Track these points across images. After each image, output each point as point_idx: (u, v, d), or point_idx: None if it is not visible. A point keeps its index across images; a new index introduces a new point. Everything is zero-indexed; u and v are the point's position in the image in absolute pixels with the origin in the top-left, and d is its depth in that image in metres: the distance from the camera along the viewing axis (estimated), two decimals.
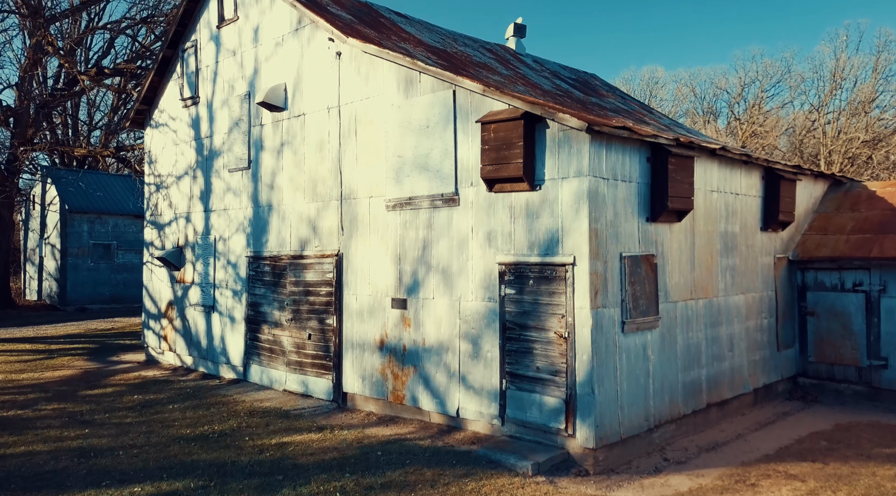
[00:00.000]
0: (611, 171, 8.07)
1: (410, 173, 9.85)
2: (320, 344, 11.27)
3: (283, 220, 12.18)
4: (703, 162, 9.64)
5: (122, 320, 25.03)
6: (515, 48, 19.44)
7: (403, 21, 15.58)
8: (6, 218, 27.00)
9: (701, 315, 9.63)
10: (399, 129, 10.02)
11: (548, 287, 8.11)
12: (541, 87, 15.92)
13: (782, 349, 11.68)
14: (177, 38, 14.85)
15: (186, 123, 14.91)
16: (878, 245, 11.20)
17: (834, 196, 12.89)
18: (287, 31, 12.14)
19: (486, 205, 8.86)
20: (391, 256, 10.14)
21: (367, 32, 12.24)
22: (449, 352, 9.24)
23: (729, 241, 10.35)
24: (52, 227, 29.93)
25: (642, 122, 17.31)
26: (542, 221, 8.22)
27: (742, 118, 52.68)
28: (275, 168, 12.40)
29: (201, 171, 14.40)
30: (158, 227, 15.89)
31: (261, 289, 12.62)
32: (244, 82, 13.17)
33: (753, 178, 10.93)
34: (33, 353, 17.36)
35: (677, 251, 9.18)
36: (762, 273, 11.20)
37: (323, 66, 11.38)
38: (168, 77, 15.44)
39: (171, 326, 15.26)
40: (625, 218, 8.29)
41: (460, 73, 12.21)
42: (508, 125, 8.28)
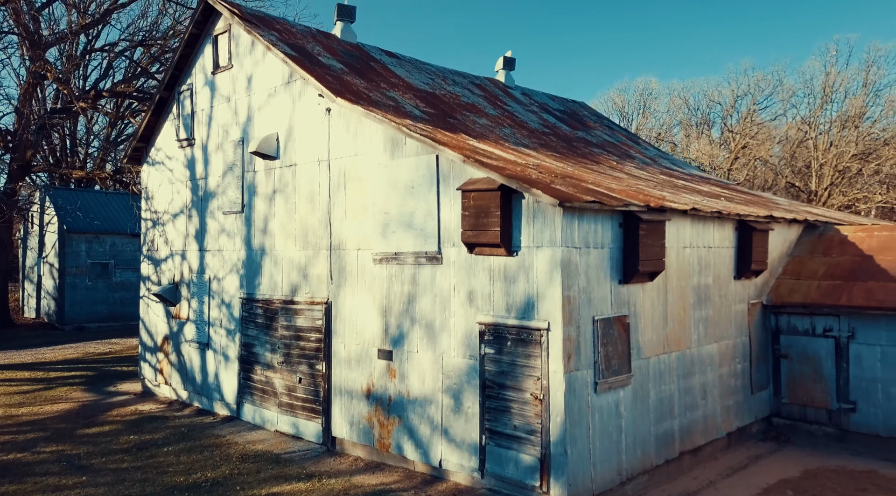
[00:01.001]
0: (583, 240, 8.50)
1: (396, 230, 10.28)
2: (310, 388, 11.69)
3: (276, 264, 12.60)
4: (676, 221, 10.07)
5: (119, 342, 25.41)
6: (505, 81, 19.86)
7: (394, 62, 16.00)
8: (5, 239, 27.36)
9: (674, 368, 10.06)
10: (386, 188, 10.44)
11: (524, 349, 8.54)
12: (527, 125, 16.35)
13: (756, 391, 12.12)
14: (173, 81, 15.27)
15: (182, 163, 15.33)
16: (846, 293, 11.64)
17: (808, 239, 13.34)
18: (279, 83, 12.56)
19: (468, 265, 9.29)
20: (378, 308, 10.56)
21: (356, 83, 12.67)
22: (432, 405, 9.66)
23: (702, 293, 10.79)
24: (50, 247, 30.31)
25: (627, 156, 17.79)
26: (519, 286, 8.65)
27: (735, 130, 53.21)
28: (267, 214, 12.82)
29: (196, 210, 14.81)
30: (155, 262, 16.29)
31: (254, 331, 13.03)
32: (238, 128, 13.59)
33: (726, 230, 11.37)
34: (32, 383, 17.75)
35: (650, 309, 9.61)
36: (736, 320, 11.64)
37: (313, 119, 11.80)
38: (164, 117, 15.85)
39: (166, 360, 15.66)
40: (597, 282, 8.72)
41: (447, 122, 12.67)
42: (486, 195, 8.71)
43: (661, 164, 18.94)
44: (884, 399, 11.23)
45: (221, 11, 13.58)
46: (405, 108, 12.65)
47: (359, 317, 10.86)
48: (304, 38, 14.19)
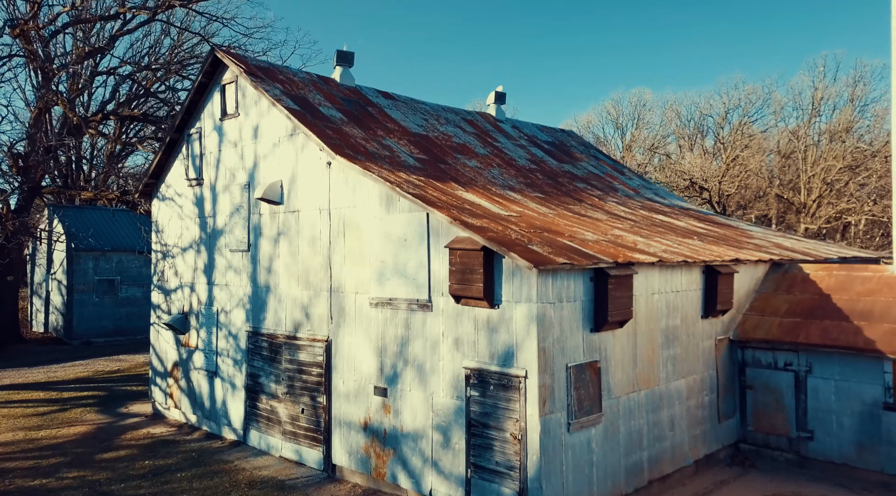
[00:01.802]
0: (557, 296, 9.52)
1: (391, 277, 11.29)
2: (312, 418, 12.70)
3: (280, 302, 13.61)
4: (645, 271, 11.09)
5: (126, 358, 26.40)
6: (496, 114, 20.89)
7: (389, 105, 17.01)
8: (16, 258, 28.32)
9: (643, 404, 11.08)
10: (381, 238, 11.46)
11: (505, 394, 9.56)
12: (515, 162, 17.37)
13: (723, 420, 13.14)
14: (183, 124, 16.27)
15: (191, 201, 16.34)
16: (804, 331, 12.67)
17: (774, 276, 14.37)
18: (283, 134, 13.58)
19: (455, 314, 10.30)
20: (374, 348, 11.58)
21: (354, 134, 13.69)
22: (423, 439, 10.68)
23: (670, 333, 11.81)
24: (58, 264, 31.30)
25: (611, 189, 18.82)
26: (500, 336, 9.67)
27: (726, 142, 54.28)
28: (272, 254, 13.83)
29: (205, 246, 15.82)
30: (165, 291, 17.29)
31: (259, 362, 14.04)
32: (244, 173, 14.61)
33: (694, 274, 12.40)
34: (47, 403, 18.74)
35: (620, 353, 10.64)
36: (703, 355, 12.67)
37: (315, 171, 12.82)
38: (174, 157, 16.86)
39: (176, 385, 16.67)
40: (570, 332, 9.74)
41: (438, 168, 13.69)
42: (471, 254, 9.73)
43: (644, 195, 19.96)
44: (837, 428, 12.26)
45: (229, 65, 14.59)
46: (400, 158, 13.67)
47: (357, 355, 11.88)
48: (306, 86, 15.21)
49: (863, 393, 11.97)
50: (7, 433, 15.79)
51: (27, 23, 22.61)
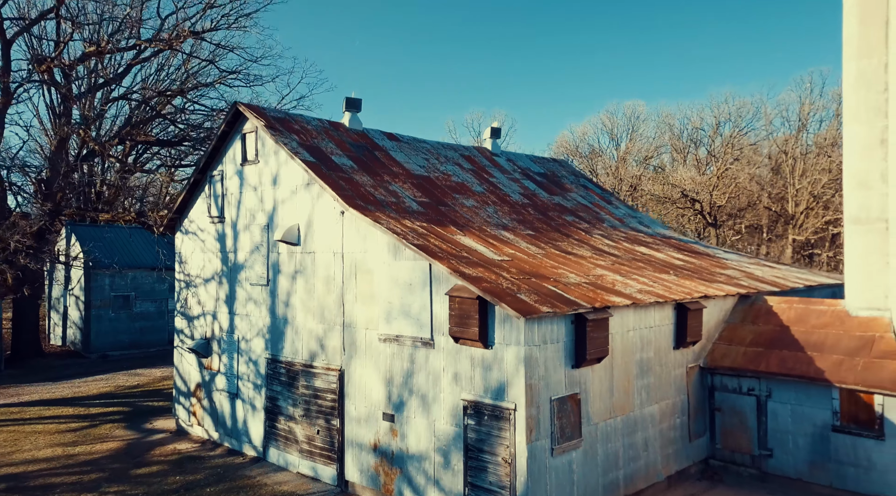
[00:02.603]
0: (542, 338, 11.07)
1: (398, 317, 12.85)
2: (327, 439, 14.25)
3: (297, 333, 15.16)
4: (620, 311, 12.64)
5: (143, 372, 27.94)
6: (492, 148, 22.46)
7: (394, 147, 18.56)
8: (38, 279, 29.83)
9: (619, 429, 12.64)
10: (389, 282, 13.01)
11: (497, 423, 11.12)
12: (508, 198, 18.93)
13: (694, 439, 14.71)
14: (206, 167, 17.82)
15: (213, 236, 17.89)
16: (765, 360, 14.24)
17: (741, 308, 15.93)
18: (300, 183, 15.13)
19: (454, 351, 11.86)
20: (382, 378, 13.13)
21: (363, 182, 15.24)
22: (426, 461, 12.24)
23: (644, 364, 13.37)
24: (76, 280, 32.82)
25: (598, 220, 20.38)
26: (493, 373, 11.23)
27: (717, 154, 55.89)
28: (290, 290, 15.38)
29: (226, 279, 17.37)
30: (188, 318, 18.84)
31: (277, 387, 15.59)
32: (264, 215, 16.16)
33: (666, 310, 13.95)
34: (78, 420, 20.27)
35: (598, 384, 12.19)
36: (675, 383, 14.22)
37: (330, 218, 14.37)
38: (197, 195, 18.41)
39: (199, 405, 18.22)
40: (554, 369, 11.29)
41: (439, 210, 15.24)
42: (468, 301, 11.28)
43: (629, 224, 21.53)
44: (793, 447, 13.82)
45: (249, 117, 16.13)
46: (404, 203, 15.22)
47: (367, 384, 13.43)
48: (319, 135, 16.76)
49: (815, 416, 13.54)
50: (46, 449, 17.33)
51: (52, 60, 24.12)
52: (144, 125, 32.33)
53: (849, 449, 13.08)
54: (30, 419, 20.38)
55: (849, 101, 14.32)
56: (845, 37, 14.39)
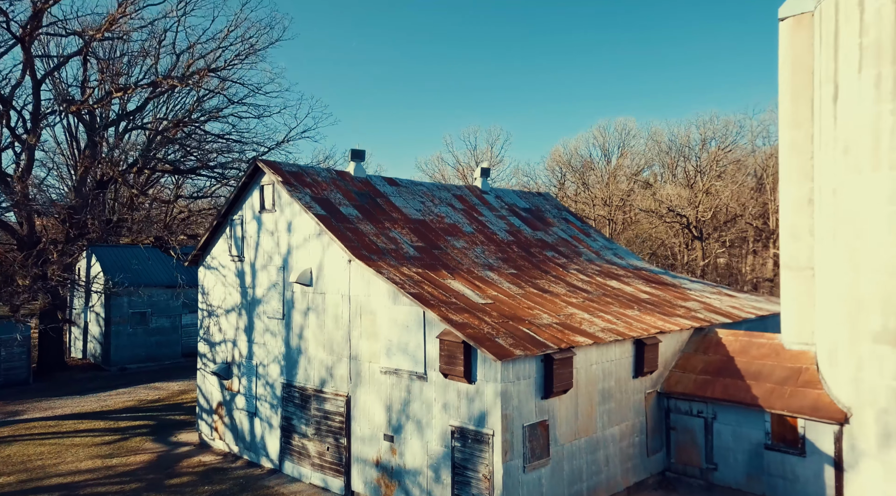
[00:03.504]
0: (516, 375, 13.43)
1: (396, 353, 15.20)
2: (336, 455, 16.62)
3: (309, 362, 17.52)
4: (584, 349, 15.00)
5: (161, 386, 30.28)
6: (482, 186, 24.81)
7: (394, 192, 20.92)
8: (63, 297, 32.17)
9: (583, 448, 15.01)
10: (389, 322, 15.37)
11: (479, 445, 13.48)
12: (496, 237, 21.29)
13: (652, 454, 17.08)
14: (227, 212, 20.17)
15: (233, 272, 20.24)
16: (712, 387, 16.60)
17: (695, 339, 18.30)
18: (312, 232, 17.48)
19: (444, 385, 14.21)
20: (383, 405, 15.49)
21: (367, 232, 17.60)
22: (420, 475, 14.60)
23: (606, 392, 15.73)
24: (96, 298, 35.15)
25: (576, 254, 22.74)
26: (476, 404, 13.59)
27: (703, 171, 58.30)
28: (303, 324, 17.74)
29: (245, 311, 19.72)
30: (210, 344, 21.19)
31: (292, 408, 17.95)
32: (280, 257, 18.51)
33: (626, 346, 16.31)
34: (110, 433, 22.61)
35: (564, 412, 14.55)
36: (634, 407, 16.59)
37: (338, 265, 16.72)
38: (219, 235, 20.76)
39: (220, 421, 20.57)
40: (526, 401, 13.65)
41: (433, 254, 17.58)
42: (454, 344, 13.64)
43: (605, 256, 23.90)
44: (734, 462, 16.20)
45: (267, 172, 18.49)
46: (402, 249, 17.59)
47: (370, 409, 15.79)
48: (328, 186, 19.11)
49: (751, 436, 15.91)
50: (87, 461, 19.67)
51: (82, 104, 26.45)
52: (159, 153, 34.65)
53: (778, 464, 15.46)
54: (67, 432, 22.71)
55: (783, 165, 16.70)
56: (780, 110, 16.77)
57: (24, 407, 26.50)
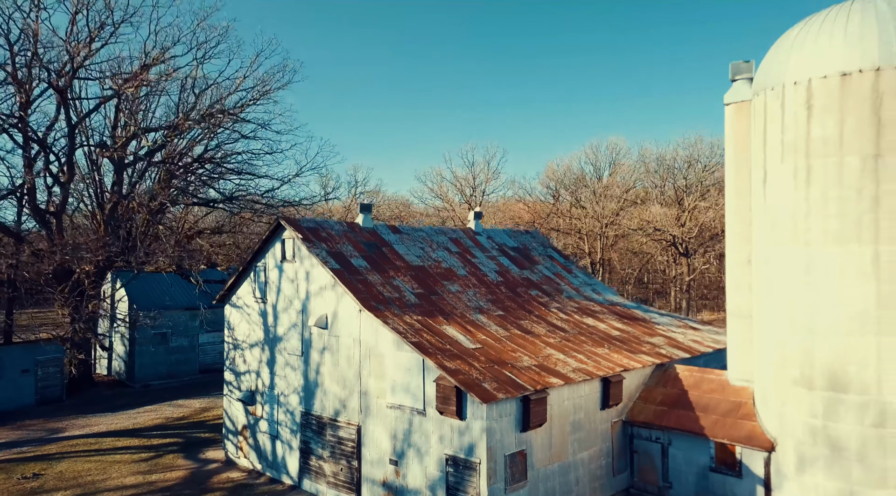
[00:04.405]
0: (499, 414, 16.37)
1: (400, 391, 18.14)
2: (348, 475, 19.56)
3: (325, 394, 20.46)
4: (558, 389, 17.93)
5: (184, 403, 33.22)
6: (475, 227, 27.75)
7: (397, 239, 23.86)
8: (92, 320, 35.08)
9: (556, 471, 17.96)
10: (393, 365, 18.32)
11: (468, 471, 16.43)
12: (486, 279, 24.23)
13: (618, 474, 20.03)
14: (251, 260, 23.11)
15: (257, 312, 23.18)
16: (667, 417, 19.55)
17: (657, 373, 21.24)
18: (328, 283, 20.41)
19: (439, 420, 17.15)
20: (389, 434, 18.44)
21: (374, 282, 20.54)
22: (420, 494, 17.55)
23: (577, 423, 18.67)
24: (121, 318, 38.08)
25: (557, 291, 25.67)
26: (465, 437, 16.54)
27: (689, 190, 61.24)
28: (319, 361, 20.68)
29: (268, 346, 22.67)
30: (235, 373, 24.14)
31: (309, 433, 20.89)
32: (299, 302, 21.45)
33: (594, 383, 19.25)
34: (145, 450, 25.53)
35: (540, 441, 17.50)
36: (602, 434, 19.54)
37: (350, 313, 19.66)
38: (244, 279, 23.70)
39: (245, 442, 23.53)
40: (507, 434, 16.59)
41: (430, 300, 20.50)
42: (449, 387, 16.58)
43: (584, 292, 26.85)
44: (685, 482, 19.15)
45: (287, 228, 21.43)
46: (405, 297, 20.53)
47: (378, 437, 18.73)
48: (340, 238, 22.04)
49: (699, 460, 18.87)
50: (129, 477, 22.61)
51: (115, 150, 29.38)
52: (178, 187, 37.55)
53: (721, 484, 18.42)
54: (107, 449, 25.65)
55: (728, 228, 19.65)
56: (726, 180, 19.71)
57: (63, 424, 29.43)
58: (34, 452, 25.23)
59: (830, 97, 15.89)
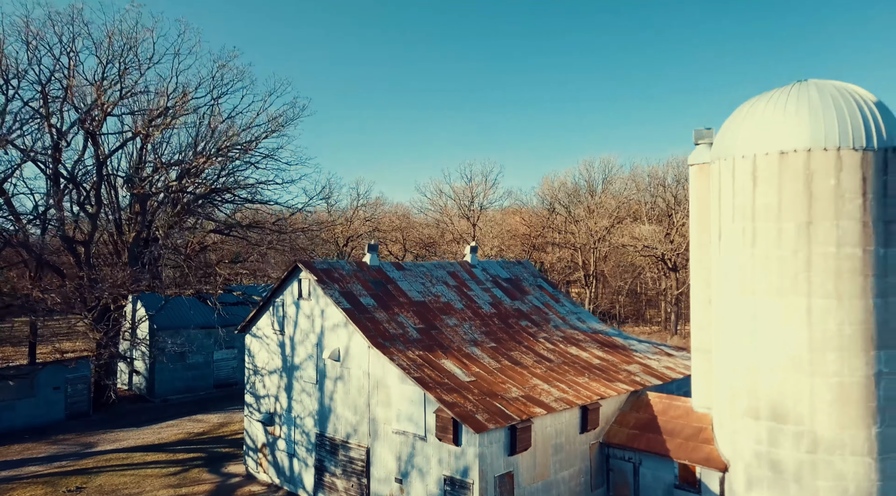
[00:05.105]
0: (489, 441, 19.11)
1: (404, 419, 20.88)
2: (358, 491, 22.29)
3: (338, 418, 23.19)
4: (541, 417, 20.64)
5: (203, 418, 35.95)
6: (471, 260, 30.48)
7: (400, 276, 26.59)
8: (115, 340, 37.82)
9: (540, 489, 20.69)
10: (399, 396, 21.04)
11: (463, 490, 19.17)
12: (481, 311, 26.97)
13: (595, 489, 22.77)
14: (271, 297, 25.83)
15: (275, 342, 25.92)
16: (638, 440, 22.29)
17: (631, 400, 23.97)
18: (340, 321, 23.14)
19: (438, 445, 19.89)
20: (394, 456, 21.17)
21: (381, 319, 23.27)
22: None
23: (558, 446, 21.40)
24: (141, 337, 40.82)
25: (545, 320, 28.42)
26: (461, 461, 19.27)
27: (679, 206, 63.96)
28: (333, 389, 23.42)
29: (286, 374, 25.40)
30: (255, 396, 26.88)
31: (323, 453, 23.63)
32: (314, 336, 24.18)
33: (574, 410, 21.97)
34: (173, 465, 28.24)
35: (525, 463, 20.23)
36: (581, 455, 22.27)
37: (360, 348, 22.39)
38: (263, 312, 26.42)
39: (265, 458, 26.26)
40: (497, 458, 19.32)
41: (431, 335, 23.25)
42: (447, 418, 19.31)
43: (570, 321, 29.58)
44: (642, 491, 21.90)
45: (304, 270, 24.15)
46: (408, 332, 23.26)
47: (385, 458, 21.46)
48: (350, 278, 24.77)
49: (665, 478, 21.61)
50: (161, 490, 25.34)
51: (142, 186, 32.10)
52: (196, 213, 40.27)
53: None
54: (138, 464, 28.38)
55: (692, 272, 22.38)
56: (690, 232, 22.43)
57: (94, 439, 32.16)
58: (73, 466, 27.95)
59: (771, 171, 18.61)
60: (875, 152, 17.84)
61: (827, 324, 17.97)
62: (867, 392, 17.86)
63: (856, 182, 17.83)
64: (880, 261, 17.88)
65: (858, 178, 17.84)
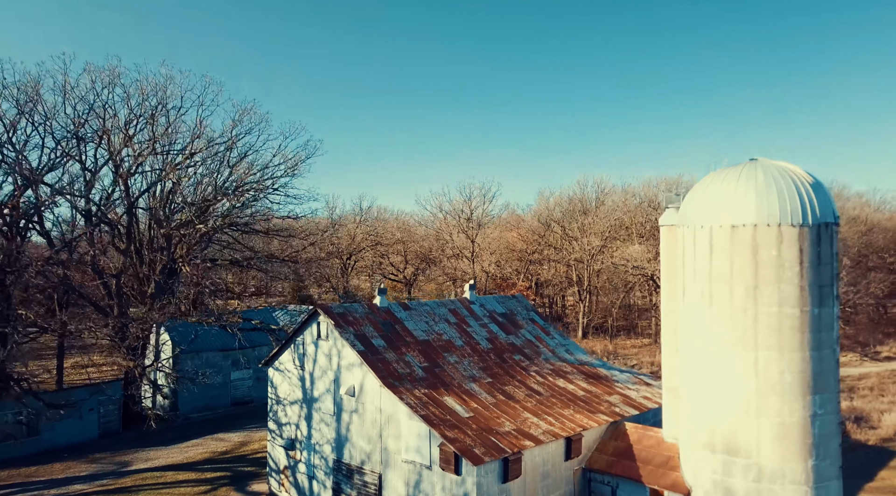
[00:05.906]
0: (486, 471, 22.36)
1: (412, 451, 24.14)
2: None
3: (353, 447, 26.46)
4: (531, 449, 23.90)
5: (224, 437, 39.20)
6: (470, 297, 33.77)
7: (407, 316, 29.85)
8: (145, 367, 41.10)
9: None
10: (407, 430, 24.31)
11: None
12: (478, 347, 30.26)
13: None
14: (292, 336, 29.09)
15: (296, 376, 29.19)
16: (616, 466, 25.55)
17: (611, 429, 27.24)
18: (355, 361, 26.40)
19: (442, 474, 23.15)
20: (404, 482, 24.44)
21: (390, 359, 26.54)
22: None
23: (545, 473, 24.66)
24: (164, 360, 44.10)
25: (536, 354, 31.72)
26: (461, 488, 22.53)
27: None
28: (349, 421, 26.68)
29: (306, 405, 28.67)
30: (278, 423, 30.15)
31: (340, 476, 26.90)
32: (332, 373, 27.44)
33: (559, 441, 25.24)
34: (203, 484, 31.49)
35: (517, 489, 23.49)
36: (565, 479, 25.54)
37: (373, 386, 25.65)
38: (285, 348, 29.69)
39: (286, 479, 29.54)
40: (492, 485, 22.58)
41: (434, 373, 26.54)
42: (449, 452, 22.58)
43: (559, 353, 32.85)
44: None
45: (322, 314, 27.42)
46: (414, 371, 26.53)
47: (395, 484, 24.72)
48: (363, 321, 28.02)
49: None
50: None
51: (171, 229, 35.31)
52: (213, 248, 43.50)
53: None
54: (171, 482, 31.62)
55: (663, 320, 25.65)
56: (661, 285, 25.71)
57: (128, 457, 35.40)
58: (114, 485, 31.22)
59: (725, 241, 21.87)
60: (810, 227, 21.11)
61: (770, 372, 21.24)
62: (804, 430, 21.14)
63: (794, 252, 21.10)
64: (815, 320, 21.15)
65: (796, 250, 21.10)
